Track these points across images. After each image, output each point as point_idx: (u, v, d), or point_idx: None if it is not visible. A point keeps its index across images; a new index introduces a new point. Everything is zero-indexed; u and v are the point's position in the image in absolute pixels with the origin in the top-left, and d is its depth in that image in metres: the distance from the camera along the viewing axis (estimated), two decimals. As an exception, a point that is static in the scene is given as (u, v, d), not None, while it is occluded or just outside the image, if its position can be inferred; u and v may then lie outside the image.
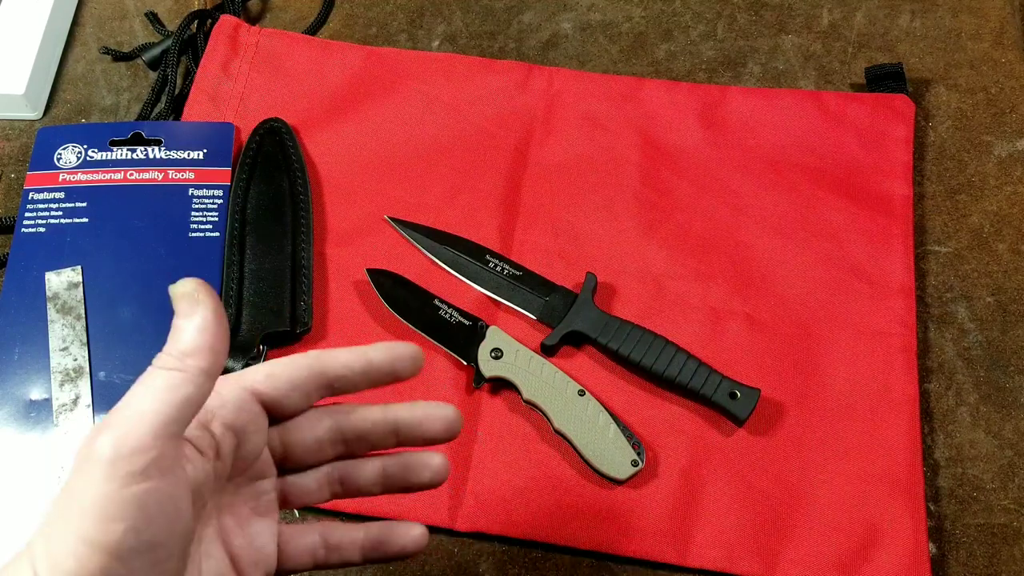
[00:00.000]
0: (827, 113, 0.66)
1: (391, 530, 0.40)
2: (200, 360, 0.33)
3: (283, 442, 0.39)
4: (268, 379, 0.37)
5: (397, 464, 0.40)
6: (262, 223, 0.62)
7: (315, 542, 0.39)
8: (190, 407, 0.33)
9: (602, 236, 0.63)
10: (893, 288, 0.60)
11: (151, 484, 0.31)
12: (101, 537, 0.30)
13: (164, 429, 0.32)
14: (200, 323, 0.33)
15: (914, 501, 0.54)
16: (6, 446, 0.55)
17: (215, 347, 0.33)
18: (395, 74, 0.69)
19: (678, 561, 0.53)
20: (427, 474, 0.40)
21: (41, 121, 0.70)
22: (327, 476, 0.40)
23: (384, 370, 0.38)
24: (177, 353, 0.33)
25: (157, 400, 0.32)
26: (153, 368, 0.33)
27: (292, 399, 0.38)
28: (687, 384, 0.56)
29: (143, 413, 0.32)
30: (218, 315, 0.34)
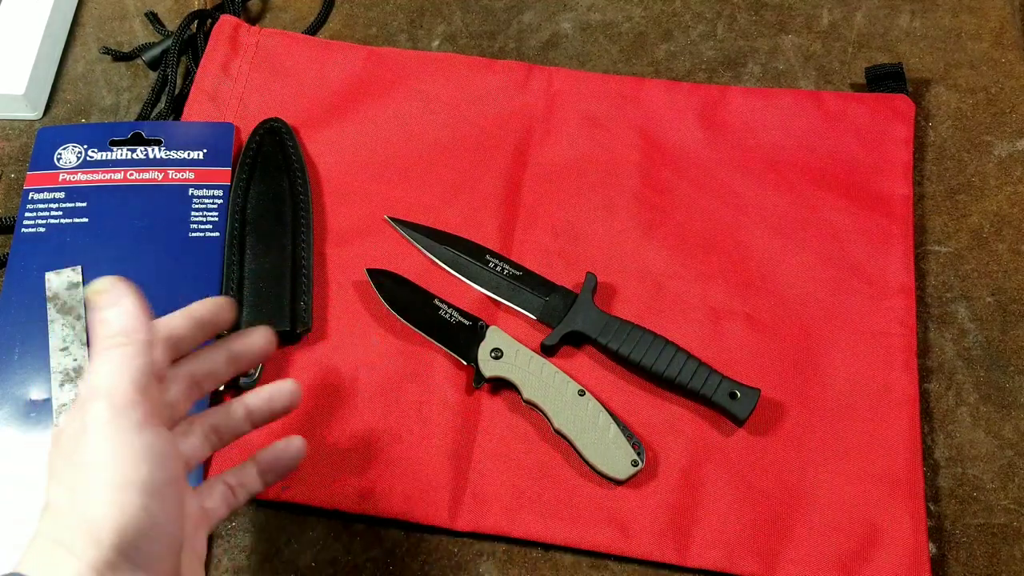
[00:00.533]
0: (827, 113, 0.66)
1: (276, 450, 0.47)
2: (142, 334, 0.39)
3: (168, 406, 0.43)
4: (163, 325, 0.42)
5: (257, 397, 0.46)
6: (262, 223, 0.62)
7: (223, 490, 0.45)
8: (148, 372, 0.38)
9: (602, 236, 0.63)
10: (893, 288, 0.60)
11: (155, 429, 0.37)
12: (134, 475, 0.35)
13: (140, 388, 0.37)
14: (130, 306, 0.39)
15: (914, 501, 0.54)
16: (6, 446, 0.55)
17: (148, 324, 0.39)
18: (395, 74, 0.69)
19: (678, 561, 0.53)
20: (285, 398, 0.47)
21: (41, 121, 0.70)
22: (202, 431, 0.45)
23: (207, 319, 0.44)
24: (120, 332, 0.38)
25: (123, 367, 0.37)
26: (103, 349, 0.38)
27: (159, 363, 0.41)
28: (687, 384, 0.56)
29: (117, 379, 0.37)
30: (142, 299, 0.40)
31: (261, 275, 0.60)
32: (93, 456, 0.35)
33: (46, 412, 0.56)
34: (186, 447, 0.44)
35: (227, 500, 0.45)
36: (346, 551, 0.55)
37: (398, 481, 0.55)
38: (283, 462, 0.47)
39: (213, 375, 0.45)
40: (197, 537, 0.42)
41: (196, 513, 0.43)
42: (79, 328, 0.58)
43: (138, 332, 0.38)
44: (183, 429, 0.44)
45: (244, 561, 0.54)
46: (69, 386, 0.57)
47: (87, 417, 0.36)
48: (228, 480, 0.46)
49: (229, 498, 0.45)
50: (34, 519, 0.53)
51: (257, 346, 0.47)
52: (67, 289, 0.59)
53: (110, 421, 0.36)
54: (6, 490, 0.54)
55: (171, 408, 0.43)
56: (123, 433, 0.36)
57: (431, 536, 0.55)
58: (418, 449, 0.56)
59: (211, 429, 0.45)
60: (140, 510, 0.35)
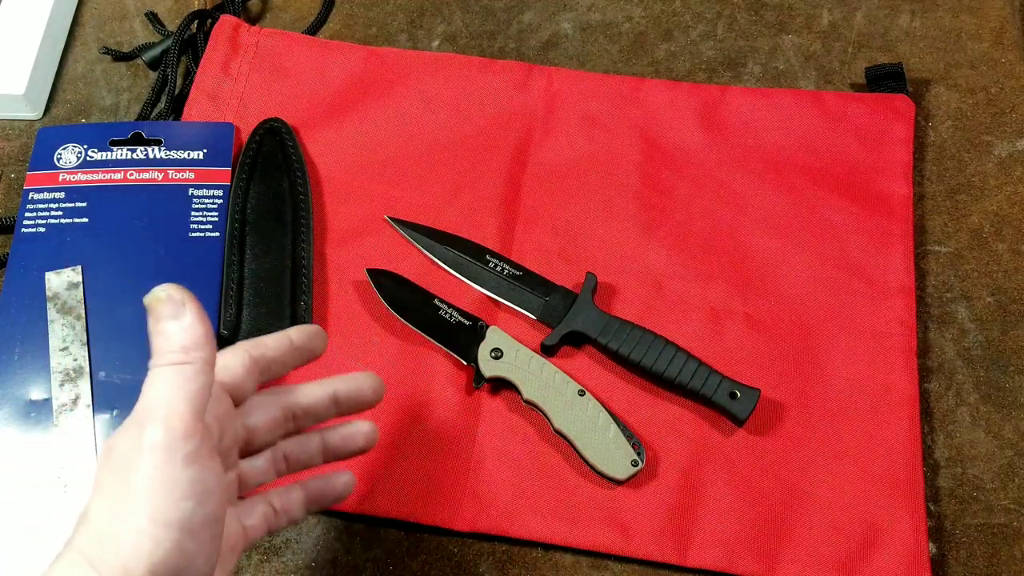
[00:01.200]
0: (827, 113, 0.66)
1: (325, 481, 0.45)
2: (203, 352, 0.36)
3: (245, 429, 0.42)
4: (225, 371, 0.41)
5: (336, 435, 0.45)
6: (262, 223, 0.62)
7: (265, 511, 0.43)
8: (206, 395, 0.36)
9: (602, 236, 0.63)
10: (893, 288, 0.60)
11: (204, 463, 0.35)
12: (174, 514, 0.33)
13: (198, 415, 0.35)
14: (193, 319, 0.36)
15: (914, 501, 0.54)
16: (6, 446, 0.55)
17: (211, 339, 0.36)
18: (395, 74, 0.69)
19: (678, 561, 0.53)
20: (361, 439, 0.45)
21: (41, 121, 0.70)
22: (273, 456, 0.43)
23: (305, 347, 0.43)
24: (180, 348, 0.35)
25: (183, 391, 0.35)
26: (160, 367, 0.35)
27: (246, 385, 0.41)
28: (687, 384, 0.56)
29: (176, 403, 0.34)
30: (203, 312, 0.37)
31: (261, 275, 0.60)
32: (140, 483, 0.33)
33: (46, 412, 0.56)
34: (249, 467, 0.43)
35: (268, 521, 0.44)
36: (346, 551, 0.55)
37: (398, 481, 0.55)
38: (329, 495, 0.45)
39: (311, 413, 0.44)
40: (230, 559, 0.41)
41: (235, 533, 0.41)
42: (79, 328, 0.58)
43: (199, 350, 0.36)
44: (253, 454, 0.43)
45: (244, 561, 0.54)
46: (69, 386, 0.57)
47: (143, 440, 0.34)
48: (272, 501, 0.44)
49: (271, 519, 0.44)
50: (34, 519, 0.53)
51: (365, 396, 0.45)
52: (67, 289, 0.59)
53: (163, 449, 0.34)
54: (6, 490, 0.54)
55: (250, 433, 0.42)
56: (174, 465, 0.34)
57: (431, 536, 0.55)
58: (418, 449, 0.56)
59: (282, 456, 0.44)
60: (176, 548, 0.33)
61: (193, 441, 0.34)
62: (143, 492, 0.33)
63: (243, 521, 0.42)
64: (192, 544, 0.34)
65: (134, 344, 0.58)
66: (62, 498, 0.53)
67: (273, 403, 0.43)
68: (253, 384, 0.42)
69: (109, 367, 0.57)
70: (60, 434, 0.55)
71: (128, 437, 0.34)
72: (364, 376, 0.45)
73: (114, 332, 0.58)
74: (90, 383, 0.57)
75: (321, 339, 0.45)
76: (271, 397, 0.43)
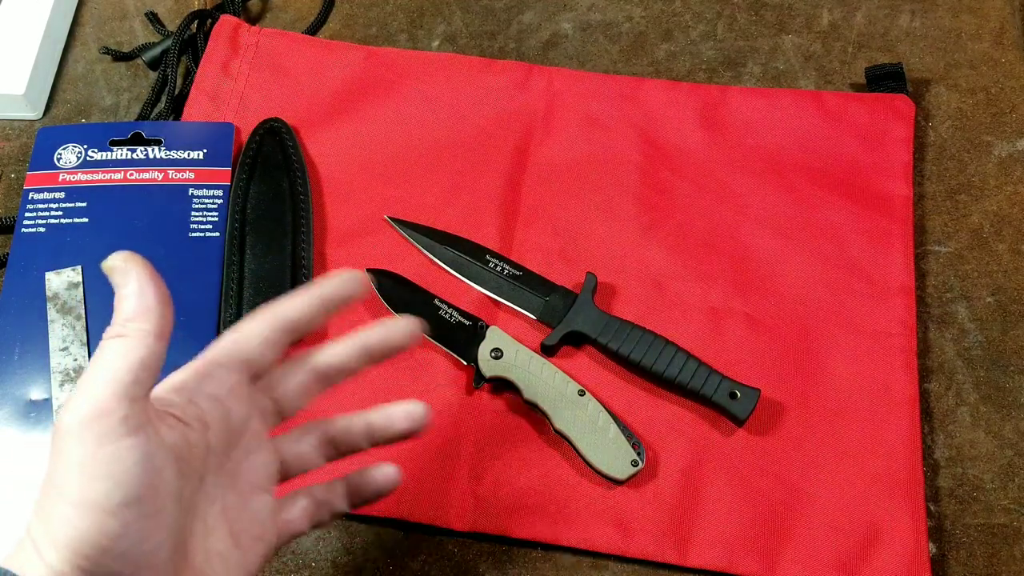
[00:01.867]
0: (827, 113, 0.66)
1: (366, 474, 0.43)
2: (142, 322, 0.34)
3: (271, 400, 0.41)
4: (236, 343, 0.39)
5: (381, 416, 0.43)
6: (262, 223, 0.62)
7: (307, 504, 0.42)
8: (144, 368, 0.34)
9: (602, 236, 0.63)
10: (893, 288, 0.60)
11: (123, 442, 0.33)
12: (89, 496, 0.32)
13: (124, 391, 0.33)
14: (135, 288, 0.35)
15: (914, 501, 0.54)
16: (6, 446, 0.55)
17: (154, 308, 0.35)
18: (395, 74, 0.69)
19: (678, 561, 0.53)
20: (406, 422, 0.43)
21: (41, 121, 0.70)
22: (319, 441, 0.42)
23: (333, 298, 0.41)
24: (120, 321, 0.34)
25: (110, 367, 0.33)
26: (103, 341, 0.34)
27: (264, 351, 0.40)
28: (687, 384, 0.56)
29: (100, 381, 0.33)
30: (151, 278, 0.35)
31: (261, 275, 0.60)
32: (58, 465, 0.33)
33: (46, 412, 0.56)
34: (292, 453, 0.41)
35: (310, 515, 0.42)
36: (346, 551, 0.55)
37: (398, 481, 0.55)
38: (371, 487, 0.43)
39: (342, 370, 0.42)
40: (253, 549, 0.39)
41: (264, 523, 0.40)
42: (79, 328, 0.58)
43: (137, 321, 0.34)
44: (296, 435, 0.42)
45: (244, 561, 0.54)
46: (69, 386, 0.57)
47: (59, 422, 0.33)
48: (317, 495, 0.42)
49: (312, 514, 0.42)
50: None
51: (397, 342, 0.42)
52: (67, 289, 0.59)
53: (75, 430, 0.33)
54: (6, 490, 0.54)
55: (279, 403, 0.41)
56: (85, 445, 0.32)
57: (431, 536, 0.55)
58: (418, 449, 0.56)
59: (327, 440, 0.42)
60: (94, 529, 0.32)
61: (110, 419, 0.33)
62: (61, 474, 0.33)
63: (280, 514, 0.41)
64: (113, 524, 0.32)
65: (134, 344, 0.58)
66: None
67: (300, 367, 0.41)
68: (274, 350, 0.40)
69: (109, 367, 0.57)
70: (60, 434, 0.55)
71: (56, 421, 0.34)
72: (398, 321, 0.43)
73: (114, 332, 0.58)
74: (90, 383, 0.57)
75: (355, 283, 0.41)
76: (295, 363, 0.41)
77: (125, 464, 0.33)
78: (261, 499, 0.40)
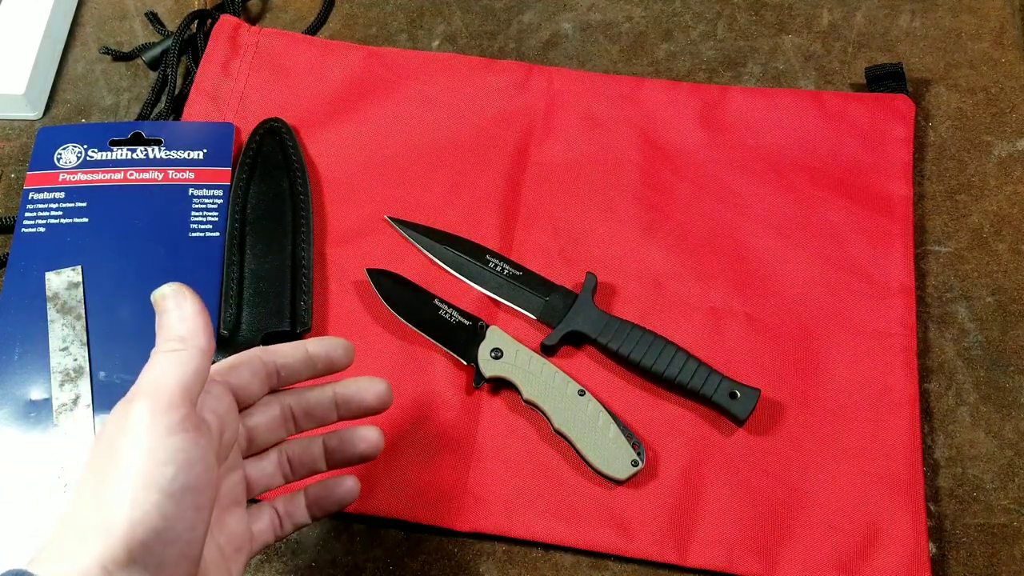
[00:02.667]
0: (827, 113, 0.66)
1: (328, 487, 0.47)
2: (198, 340, 0.38)
3: (245, 428, 0.44)
4: (232, 371, 0.43)
5: (337, 439, 0.47)
6: (262, 223, 0.62)
7: (272, 516, 0.46)
8: (199, 379, 0.38)
9: (602, 236, 0.63)
10: (893, 288, 0.60)
11: (188, 435, 0.36)
12: (156, 478, 0.35)
13: (186, 393, 0.37)
14: (191, 311, 0.39)
15: (914, 501, 0.54)
16: (6, 446, 0.55)
17: (208, 330, 0.39)
18: (395, 74, 0.69)
19: (678, 561, 0.53)
20: (363, 445, 0.47)
21: (41, 121, 0.70)
22: (279, 459, 0.46)
23: (321, 358, 0.45)
24: (177, 337, 0.38)
25: (173, 372, 0.37)
26: (158, 352, 0.38)
27: (252, 387, 0.43)
28: (687, 384, 0.56)
29: (165, 382, 0.37)
30: (203, 306, 0.39)
31: (261, 275, 0.60)
32: (124, 450, 0.36)
33: (46, 412, 0.56)
34: (256, 471, 0.45)
35: (274, 527, 0.46)
36: (346, 551, 0.55)
37: (398, 481, 0.55)
38: (332, 499, 0.47)
39: (312, 415, 0.46)
40: (236, 560, 0.42)
41: (240, 534, 0.43)
42: (79, 328, 0.58)
43: (194, 338, 0.38)
44: (259, 454, 0.45)
45: (244, 561, 0.54)
46: (69, 386, 0.57)
47: (129, 412, 0.36)
48: (277, 507, 0.46)
49: (276, 526, 0.46)
50: (33, 519, 0.53)
51: (368, 398, 0.46)
52: (67, 289, 0.59)
53: (147, 419, 0.36)
54: (6, 490, 0.54)
55: (250, 431, 0.44)
56: (156, 433, 0.36)
57: (431, 536, 0.55)
58: (418, 449, 0.56)
59: (287, 459, 0.46)
60: (155, 510, 0.35)
61: (177, 413, 0.36)
62: (126, 458, 0.35)
63: (252, 525, 0.44)
64: (172, 508, 0.35)
65: (134, 344, 0.58)
66: (62, 498, 0.53)
67: (272, 404, 0.45)
68: (260, 388, 0.44)
69: (109, 367, 0.57)
70: (60, 434, 0.55)
71: (117, 413, 0.37)
72: (368, 380, 0.47)
73: (114, 332, 0.58)
74: (90, 383, 0.57)
75: (343, 350, 0.46)
76: (271, 398, 0.45)
77: (189, 454, 0.36)
78: (237, 513, 0.43)
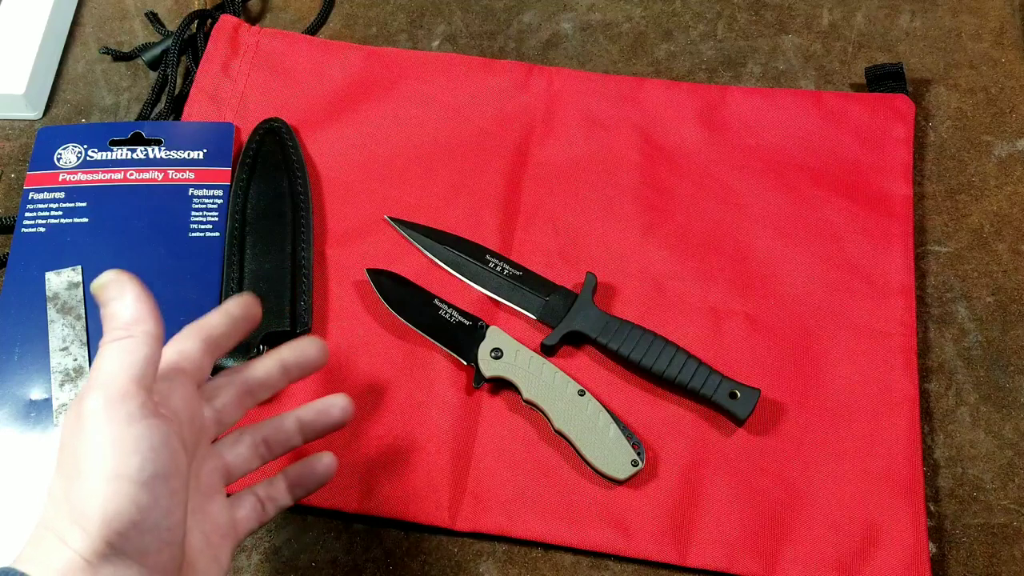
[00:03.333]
0: (827, 113, 0.66)
1: (306, 465, 0.47)
2: (145, 325, 0.38)
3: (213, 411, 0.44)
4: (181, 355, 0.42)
5: (310, 411, 0.47)
6: (262, 223, 0.62)
7: (254, 502, 0.46)
8: (150, 364, 0.38)
9: (602, 236, 0.63)
10: (893, 288, 0.60)
11: (148, 422, 0.36)
12: (123, 469, 0.35)
13: (140, 380, 0.37)
14: (132, 297, 0.38)
15: (914, 501, 0.54)
16: (6, 446, 0.55)
17: (154, 313, 0.39)
18: (395, 74, 0.69)
19: (678, 561, 0.53)
20: (336, 412, 0.47)
21: (41, 121, 0.70)
22: (252, 441, 0.46)
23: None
24: (122, 325, 0.38)
25: (122, 361, 0.37)
26: (106, 343, 0.38)
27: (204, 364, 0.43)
28: (687, 384, 0.56)
29: (117, 370, 0.37)
30: (147, 291, 0.39)
31: (261, 275, 0.60)
32: (86, 446, 0.35)
33: (46, 412, 0.56)
34: (232, 456, 0.45)
35: (257, 513, 0.46)
36: (346, 551, 0.55)
37: (398, 481, 0.55)
38: (312, 478, 0.48)
39: (266, 385, 0.46)
40: (222, 547, 0.43)
41: (224, 523, 0.43)
42: (79, 328, 0.58)
43: (140, 324, 0.38)
44: (232, 439, 0.46)
45: (244, 561, 0.54)
46: (69, 386, 0.57)
47: (83, 408, 0.36)
48: (258, 492, 0.46)
49: (259, 511, 0.46)
50: (35, 518, 0.53)
51: (310, 357, 0.47)
52: (67, 289, 0.59)
53: (102, 412, 0.36)
54: (6, 490, 0.54)
55: (218, 414, 0.44)
56: (115, 424, 0.35)
57: (431, 536, 0.55)
58: (418, 449, 0.56)
59: (261, 441, 0.46)
60: (128, 501, 0.35)
61: (133, 402, 0.36)
62: (90, 453, 0.35)
63: (234, 514, 0.45)
64: (145, 496, 0.35)
65: (134, 344, 0.58)
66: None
67: (230, 382, 0.45)
68: (209, 362, 0.44)
69: (109, 367, 0.57)
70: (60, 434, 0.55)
71: (72, 412, 0.37)
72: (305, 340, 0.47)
73: (114, 332, 0.58)
74: (90, 383, 0.57)
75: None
76: (226, 378, 0.45)
77: (152, 442, 0.36)
78: (217, 500, 0.44)
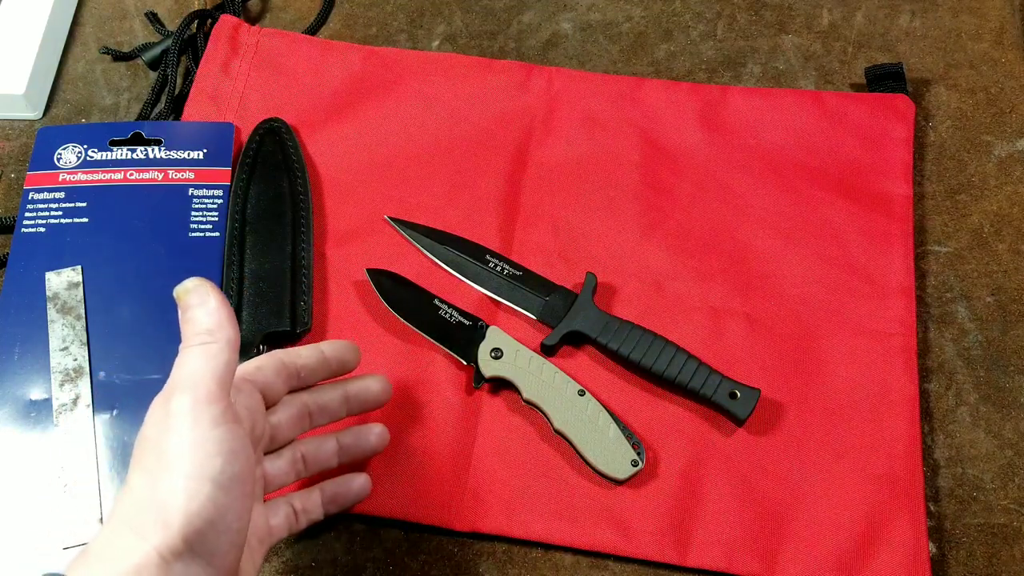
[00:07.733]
0: (827, 113, 0.66)
1: (342, 483, 0.50)
2: (225, 332, 0.39)
3: (269, 426, 0.46)
4: (259, 371, 0.45)
5: (351, 435, 0.50)
6: (262, 223, 0.62)
7: (288, 512, 0.48)
8: (230, 370, 0.39)
9: (602, 236, 0.63)
10: (893, 288, 0.60)
11: (230, 426, 0.38)
12: (206, 470, 0.36)
13: (222, 385, 0.38)
14: (215, 305, 0.40)
15: (914, 501, 0.54)
16: (6, 446, 0.55)
17: (233, 321, 0.40)
18: (395, 74, 0.69)
19: (678, 561, 0.53)
20: (374, 438, 0.51)
21: (41, 121, 0.70)
22: (292, 456, 0.48)
23: (335, 359, 0.49)
24: (205, 331, 0.39)
25: (206, 365, 0.38)
26: (187, 347, 0.39)
27: (275, 387, 0.46)
28: (687, 384, 0.56)
29: (201, 374, 0.38)
30: (225, 299, 0.41)
31: (261, 275, 0.60)
32: (173, 446, 0.37)
33: (46, 412, 0.56)
34: (272, 468, 0.47)
35: (289, 521, 0.48)
36: (346, 551, 0.55)
37: (398, 481, 0.55)
38: (347, 496, 0.50)
39: (326, 411, 0.49)
40: (259, 551, 0.44)
41: (261, 527, 0.45)
42: (79, 328, 0.58)
43: (222, 330, 0.39)
44: (275, 452, 0.47)
45: (244, 561, 0.54)
46: (69, 386, 0.57)
47: (171, 408, 0.37)
48: (294, 503, 0.48)
49: (291, 520, 0.48)
50: (35, 519, 0.53)
51: (372, 394, 0.50)
52: (67, 289, 0.59)
53: (191, 413, 0.37)
54: (6, 490, 0.54)
55: (274, 429, 0.46)
56: (201, 426, 0.37)
57: (431, 536, 0.55)
58: (418, 449, 0.56)
59: (300, 456, 0.48)
60: (209, 501, 0.36)
61: (218, 406, 0.38)
62: (175, 453, 0.36)
63: (270, 519, 0.46)
64: (223, 497, 0.36)
65: (134, 344, 0.58)
66: (62, 498, 0.53)
67: (291, 401, 0.47)
68: (283, 388, 0.46)
69: (109, 367, 0.57)
70: (60, 434, 0.55)
71: (157, 410, 0.38)
72: (372, 378, 0.51)
73: (114, 332, 0.58)
74: (90, 383, 0.57)
75: (353, 353, 0.49)
76: (289, 396, 0.47)
77: (233, 445, 0.38)
78: (257, 507, 0.45)
